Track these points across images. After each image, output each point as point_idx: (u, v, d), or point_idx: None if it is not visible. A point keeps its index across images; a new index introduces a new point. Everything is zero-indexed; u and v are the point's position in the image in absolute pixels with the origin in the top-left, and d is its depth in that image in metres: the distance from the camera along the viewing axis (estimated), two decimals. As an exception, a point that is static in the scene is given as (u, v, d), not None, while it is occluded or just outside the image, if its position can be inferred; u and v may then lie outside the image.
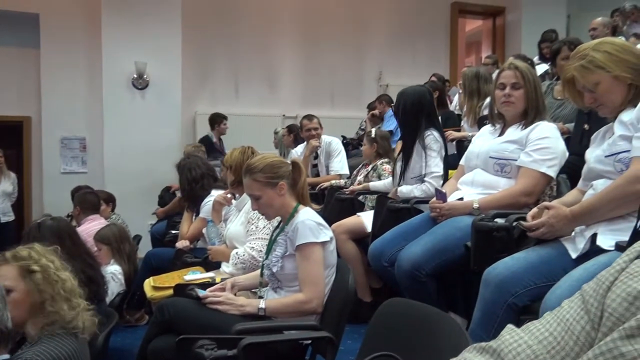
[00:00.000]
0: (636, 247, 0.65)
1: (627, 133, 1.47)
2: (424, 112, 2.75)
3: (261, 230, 2.26)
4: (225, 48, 6.46)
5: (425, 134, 2.70)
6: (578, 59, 1.57)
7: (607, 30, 4.77)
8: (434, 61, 7.11)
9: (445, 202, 2.15)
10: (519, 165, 2.05)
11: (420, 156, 2.70)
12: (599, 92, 1.55)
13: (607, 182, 1.52)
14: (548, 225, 1.55)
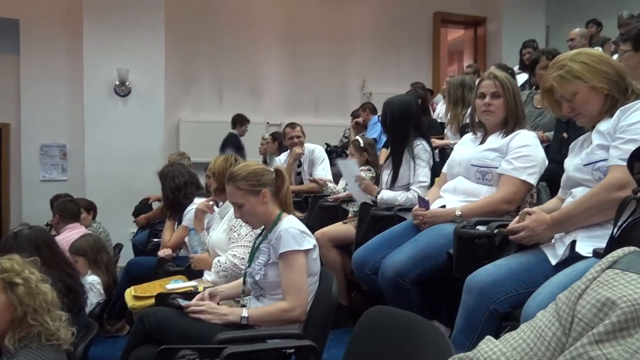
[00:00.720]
0: (609, 258, 0.68)
1: (605, 142, 1.50)
2: (411, 121, 2.78)
3: (243, 238, 2.24)
4: (209, 55, 6.44)
5: (415, 143, 2.72)
6: (556, 69, 1.60)
7: (585, 40, 4.89)
8: (417, 70, 7.19)
9: (428, 209, 2.16)
10: (500, 173, 2.08)
11: (408, 165, 2.71)
12: (576, 101, 1.58)
13: (586, 190, 1.54)
14: (528, 230, 1.57)
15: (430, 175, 2.69)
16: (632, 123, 1.42)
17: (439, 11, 7.59)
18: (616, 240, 1.03)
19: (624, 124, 1.44)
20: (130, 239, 4.72)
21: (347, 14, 7.10)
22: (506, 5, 7.50)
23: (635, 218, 1.01)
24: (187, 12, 6.26)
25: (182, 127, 6.28)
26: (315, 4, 6.91)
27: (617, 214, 1.06)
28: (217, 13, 6.46)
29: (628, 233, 1.01)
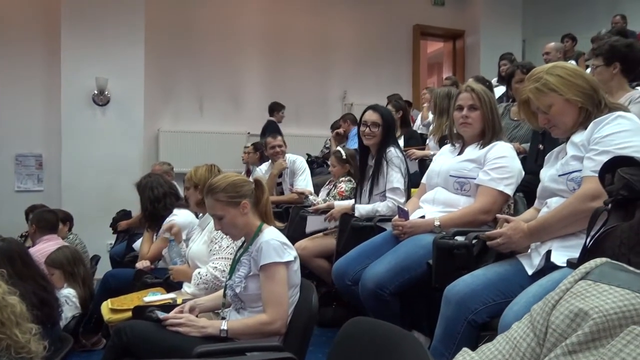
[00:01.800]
0: (581, 269, 0.69)
1: (579, 154, 1.53)
2: (390, 131, 2.80)
3: (224, 250, 2.22)
4: (189, 65, 6.42)
5: (385, 152, 2.75)
6: (533, 81, 1.64)
7: (560, 54, 5.01)
8: (397, 81, 7.27)
9: (408, 220, 2.18)
10: (478, 184, 2.11)
11: (382, 174, 2.74)
12: (551, 113, 1.62)
13: (561, 200, 1.57)
14: (505, 237, 1.60)
15: (403, 180, 2.71)
16: (605, 135, 1.46)
17: (419, 24, 7.71)
18: (589, 250, 1.06)
19: (597, 135, 1.48)
20: (107, 250, 4.64)
21: (329, 26, 7.16)
22: (483, 19, 7.67)
23: (607, 229, 1.03)
24: (167, 21, 6.24)
25: (161, 137, 6.23)
26: (296, 15, 6.95)
27: (589, 225, 1.09)
28: (198, 22, 6.45)
29: (600, 243, 1.04)
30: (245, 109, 6.70)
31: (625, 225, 1.00)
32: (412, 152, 3.80)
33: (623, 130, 1.44)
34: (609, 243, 1.01)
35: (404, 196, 2.69)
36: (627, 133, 1.43)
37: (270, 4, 6.83)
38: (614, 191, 1.05)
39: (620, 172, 1.04)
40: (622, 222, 1.02)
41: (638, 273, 0.71)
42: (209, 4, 6.50)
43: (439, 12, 7.86)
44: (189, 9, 6.38)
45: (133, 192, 3.33)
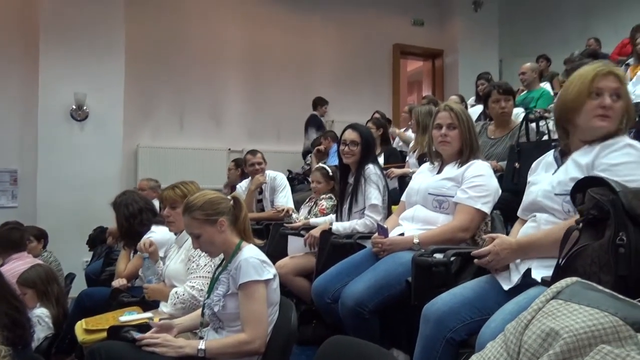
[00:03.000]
0: (552, 289, 0.71)
1: (580, 174, 1.48)
2: (369, 149, 2.83)
3: (202, 268, 2.20)
4: (170, 80, 6.40)
5: (363, 170, 2.78)
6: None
7: (535, 74, 5.14)
8: (378, 99, 7.36)
9: (387, 237, 2.19)
10: (456, 202, 2.14)
11: (360, 191, 2.76)
12: (618, 104, 1.55)
13: (551, 218, 1.55)
14: (493, 253, 1.58)
15: (381, 196, 2.73)
16: (613, 164, 1.43)
17: (399, 43, 7.86)
18: (562, 269, 1.08)
19: (605, 162, 1.45)
20: (83, 268, 4.54)
21: (310, 44, 7.24)
22: (461, 39, 7.86)
23: (578, 248, 1.05)
24: (148, 37, 6.23)
25: (140, 152, 6.17)
26: (278, 33, 7.01)
27: (562, 244, 1.11)
28: (180, 39, 6.46)
29: (572, 262, 1.06)
30: (226, 125, 6.70)
31: (595, 244, 1.03)
32: (390, 171, 3.84)
33: (631, 161, 1.42)
34: (581, 262, 1.03)
35: (382, 213, 2.70)
36: (634, 165, 1.41)
37: (252, 22, 6.88)
38: (585, 211, 1.08)
39: (590, 192, 1.07)
40: (593, 241, 1.04)
41: (607, 292, 0.73)
42: (190, 21, 6.52)
43: (419, 32, 8.03)
44: (170, 25, 6.39)
45: (110, 208, 3.28)
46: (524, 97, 5.03)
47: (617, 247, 0.99)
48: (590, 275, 1.00)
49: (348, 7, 7.47)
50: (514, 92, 3.35)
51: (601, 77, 1.52)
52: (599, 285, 0.76)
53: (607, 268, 0.99)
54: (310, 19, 7.22)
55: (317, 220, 3.15)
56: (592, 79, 1.53)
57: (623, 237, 0.98)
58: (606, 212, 1.03)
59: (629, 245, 0.98)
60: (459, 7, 7.89)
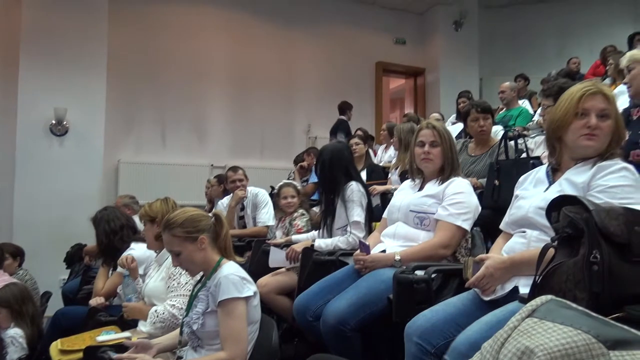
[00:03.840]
0: (528, 307, 0.72)
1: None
2: (342, 167, 2.85)
3: (183, 287, 2.17)
4: (152, 95, 6.38)
5: (345, 187, 2.79)
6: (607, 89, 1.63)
7: (514, 93, 5.26)
8: (361, 115, 7.43)
9: (369, 254, 2.19)
10: (437, 219, 2.16)
11: (342, 208, 2.77)
12: (604, 124, 1.56)
13: (542, 235, 1.54)
14: (488, 275, 1.57)
15: (364, 214, 2.74)
16: (610, 186, 1.46)
17: (381, 61, 7.97)
18: (538, 286, 1.09)
19: (601, 183, 1.48)
20: (60, 286, 4.45)
21: (294, 61, 7.30)
22: (442, 57, 8.01)
23: (554, 265, 1.07)
24: (131, 51, 6.22)
25: (121, 168, 6.11)
26: (262, 49, 7.07)
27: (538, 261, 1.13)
28: (163, 54, 6.46)
29: (548, 279, 1.07)
30: (209, 141, 6.68)
31: (570, 261, 1.05)
32: (373, 188, 3.85)
33: (627, 184, 1.45)
34: (557, 279, 1.05)
35: (364, 230, 2.71)
36: (630, 189, 1.45)
37: (236, 38, 6.93)
38: (560, 229, 1.10)
39: (565, 211, 1.10)
40: (568, 258, 1.06)
41: (580, 310, 0.74)
42: (174, 36, 6.54)
43: (401, 50, 8.17)
44: (153, 40, 6.40)
45: (90, 225, 3.23)
46: (503, 115, 5.13)
47: (591, 264, 1.01)
48: (566, 293, 1.01)
49: (332, 25, 7.58)
50: (492, 110, 3.41)
51: (588, 97, 1.56)
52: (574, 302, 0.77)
53: (582, 285, 1.01)
54: (294, 36, 7.30)
55: (299, 237, 3.14)
56: (579, 99, 1.57)
57: (597, 254, 1.00)
58: (580, 230, 1.05)
59: (602, 263, 1.00)
60: (440, 27, 8.06)
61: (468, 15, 8.01)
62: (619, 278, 1.00)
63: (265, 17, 7.13)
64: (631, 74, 2.38)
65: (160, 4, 6.53)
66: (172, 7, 6.59)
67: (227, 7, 6.91)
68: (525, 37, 8.51)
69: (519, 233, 1.66)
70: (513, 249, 1.65)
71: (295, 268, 2.85)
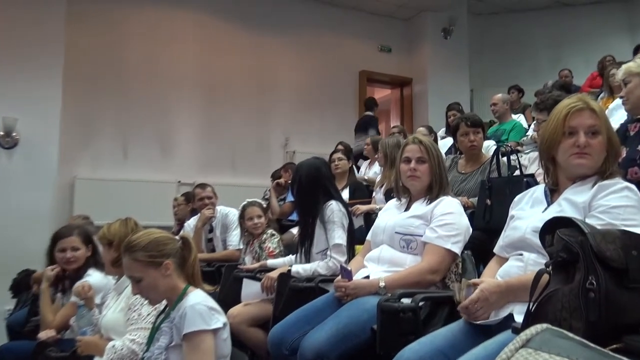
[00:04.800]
0: (522, 336, 0.73)
1: (578, 215, 1.51)
2: (320, 185, 2.86)
3: (144, 319, 2.13)
4: (114, 105, 6.33)
5: (324, 207, 2.80)
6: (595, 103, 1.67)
7: (507, 105, 5.38)
8: (343, 128, 7.48)
9: (351, 280, 2.19)
10: (425, 242, 2.17)
11: (322, 230, 2.77)
12: (595, 141, 1.61)
13: (540, 258, 1.55)
14: (482, 300, 1.56)
15: (345, 236, 2.74)
16: (612, 206, 1.49)
17: (365, 70, 8.07)
18: (532, 315, 1.11)
19: (603, 203, 1.51)
20: (5, 318, 4.32)
21: (270, 68, 7.34)
22: (431, 67, 8.16)
23: (548, 292, 1.09)
24: (90, 56, 6.18)
25: (78, 185, 6.01)
26: (236, 56, 7.09)
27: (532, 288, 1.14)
28: (126, 60, 6.43)
29: (543, 307, 1.09)
30: (176, 155, 6.64)
31: (566, 288, 1.07)
32: (356, 207, 3.87)
33: (630, 205, 1.49)
34: (551, 307, 1.07)
35: (346, 254, 2.72)
36: (633, 209, 1.49)
37: (206, 43, 6.95)
38: (554, 253, 1.12)
39: (559, 234, 1.12)
40: (564, 285, 1.08)
41: (577, 340, 0.75)
42: (139, 41, 6.53)
43: (386, 59, 8.29)
44: (116, 45, 6.37)
45: (40, 248, 3.16)
46: (496, 130, 5.23)
47: (587, 291, 1.03)
48: (561, 322, 1.03)
49: (312, 30, 7.66)
50: (483, 124, 3.48)
51: (575, 114, 1.60)
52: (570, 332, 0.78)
53: (577, 314, 1.02)
54: (271, 41, 7.35)
55: (275, 261, 3.12)
56: (565, 117, 1.61)
57: (593, 281, 1.03)
58: (575, 254, 1.07)
59: (599, 290, 1.02)
60: (428, 34, 8.21)
61: (457, 22, 8.19)
62: (617, 306, 1.02)
63: (239, 22, 7.18)
64: (627, 88, 2.45)
65: (125, 6, 6.52)
66: (137, 10, 6.59)
67: (198, 11, 6.94)
68: (519, 46, 8.73)
69: (516, 256, 1.68)
70: (509, 273, 1.66)
71: (270, 297, 2.82)
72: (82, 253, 2.92)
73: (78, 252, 2.91)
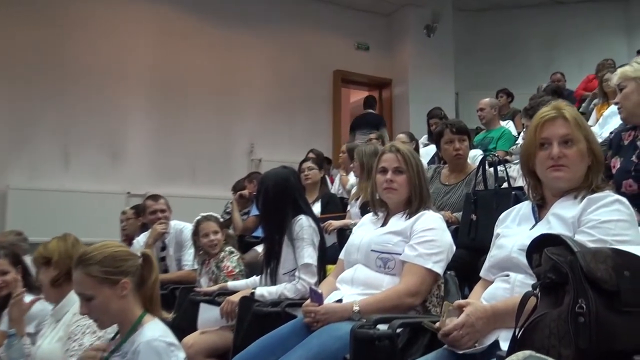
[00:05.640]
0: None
1: (567, 232, 1.54)
2: (288, 198, 2.86)
3: (86, 350, 2.09)
4: (53, 106, 6.23)
5: (293, 222, 2.80)
6: (570, 109, 1.71)
7: (495, 111, 5.48)
8: (315, 134, 7.52)
9: (322, 304, 2.19)
10: (404, 261, 2.19)
11: (290, 248, 2.77)
12: (571, 151, 1.64)
13: (528, 279, 1.56)
14: (468, 325, 1.56)
15: (316, 255, 2.75)
16: (603, 221, 1.52)
17: (340, 70, 8.13)
18: (518, 342, 1.13)
19: (593, 218, 1.54)
20: None
21: (236, 66, 7.34)
22: (412, 67, 8.28)
23: (535, 317, 1.11)
24: (24, 50, 6.07)
25: (11, 196, 5.91)
26: (196, 50, 7.07)
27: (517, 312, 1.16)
28: (67, 54, 6.35)
29: (530, 333, 1.11)
30: (126, 163, 6.56)
31: (554, 313, 1.09)
32: (328, 223, 3.88)
33: (621, 219, 1.53)
34: (539, 333, 1.09)
35: (317, 275, 2.72)
36: (625, 224, 1.52)
37: (164, 38, 6.91)
38: (542, 274, 1.14)
39: (547, 253, 1.14)
40: (552, 308, 1.10)
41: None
42: (82, 33, 6.45)
43: (363, 58, 8.37)
44: (55, 39, 6.28)
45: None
46: (483, 137, 5.32)
47: (577, 315, 1.05)
48: (550, 349, 1.05)
49: (281, 26, 7.70)
50: (469, 131, 3.53)
51: (546, 124, 1.65)
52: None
53: (567, 340, 1.05)
54: (237, 37, 7.35)
55: (236, 283, 3.10)
56: (535, 128, 1.67)
57: (582, 304, 1.05)
58: (564, 275, 1.09)
59: (589, 314, 1.04)
60: (410, 31, 8.34)
61: (442, 18, 8.34)
62: (608, 331, 1.05)
63: (200, 14, 7.17)
64: (623, 93, 2.52)
65: (67, -8, 6.45)
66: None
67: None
68: (509, 46, 8.92)
69: (502, 277, 1.71)
70: (494, 295, 1.69)
71: (231, 324, 2.80)
72: (12, 276, 2.85)
73: (7, 276, 2.84)
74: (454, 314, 1.63)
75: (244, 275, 3.37)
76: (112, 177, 6.43)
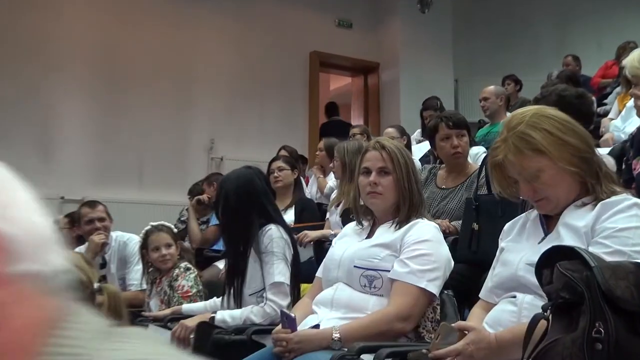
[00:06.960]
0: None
1: (580, 244, 1.54)
2: (254, 204, 2.87)
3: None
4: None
5: (260, 233, 2.80)
6: (511, 135, 1.68)
7: (501, 101, 5.50)
8: (288, 127, 7.51)
9: (295, 330, 2.19)
10: (393, 279, 2.19)
11: (257, 264, 2.77)
12: (540, 182, 1.67)
13: (537, 301, 1.58)
14: (465, 356, 1.58)
15: (288, 272, 2.76)
16: (620, 229, 1.54)
17: (318, 51, 8.11)
18: (526, 372, 1.14)
19: (609, 226, 1.57)
20: None
21: (193, 46, 7.28)
22: (403, 49, 8.29)
23: (546, 344, 1.12)
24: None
25: None
26: (145, 27, 7.01)
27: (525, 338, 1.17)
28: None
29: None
30: (59, 163, 6.47)
31: (567, 339, 1.10)
32: (303, 234, 3.86)
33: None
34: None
35: (289, 296, 2.73)
36: None
37: (107, 11, 6.82)
38: (553, 292, 1.15)
39: (559, 268, 1.16)
40: (565, 334, 1.11)
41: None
42: (7, 4, 6.34)
43: (346, 37, 8.36)
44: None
45: None
46: (486, 132, 5.36)
47: (594, 341, 1.06)
48: (563, 382, 1.06)
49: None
50: (469, 125, 3.55)
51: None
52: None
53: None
54: (193, 13, 7.28)
55: (193, 306, 3.09)
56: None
57: (600, 328, 1.06)
58: (580, 294, 1.11)
59: (608, 339, 1.05)
60: (400, 6, 8.31)
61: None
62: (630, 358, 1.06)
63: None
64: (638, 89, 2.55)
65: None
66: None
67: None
68: (516, 26, 8.96)
69: (507, 298, 1.73)
70: (499, 320, 1.70)
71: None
72: None
73: None
74: (452, 337, 1.64)
75: (202, 296, 3.35)
76: (42, 179, 6.31)
